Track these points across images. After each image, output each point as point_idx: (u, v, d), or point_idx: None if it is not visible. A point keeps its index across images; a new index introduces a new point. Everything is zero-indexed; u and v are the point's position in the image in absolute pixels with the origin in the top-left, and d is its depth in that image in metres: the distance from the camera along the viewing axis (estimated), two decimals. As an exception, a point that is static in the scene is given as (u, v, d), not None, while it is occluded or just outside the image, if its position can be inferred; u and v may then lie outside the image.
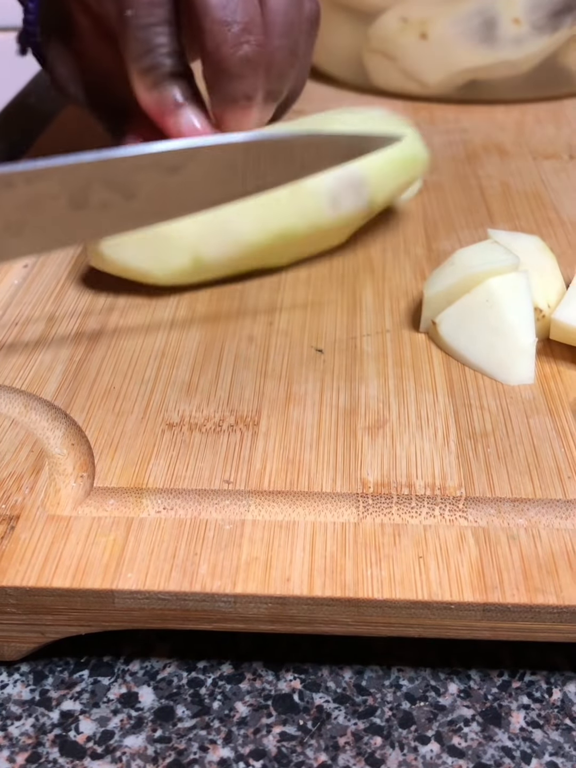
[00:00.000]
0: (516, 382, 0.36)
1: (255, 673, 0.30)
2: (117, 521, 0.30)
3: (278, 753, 0.28)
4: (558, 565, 0.29)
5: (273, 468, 0.32)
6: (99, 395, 0.36)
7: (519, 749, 0.28)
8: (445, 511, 0.31)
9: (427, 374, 0.37)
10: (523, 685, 0.30)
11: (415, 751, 0.28)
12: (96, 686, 0.30)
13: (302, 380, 0.37)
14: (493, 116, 0.64)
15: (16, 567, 0.29)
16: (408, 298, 0.42)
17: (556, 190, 0.53)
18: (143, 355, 0.38)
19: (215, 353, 0.38)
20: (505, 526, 0.30)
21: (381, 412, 0.35)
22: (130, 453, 0.33)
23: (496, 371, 0.36)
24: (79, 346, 0.39)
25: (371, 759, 0.27)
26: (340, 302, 0.42)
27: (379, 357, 0.38)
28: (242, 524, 0.30)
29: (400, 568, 0.29)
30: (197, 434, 0.34)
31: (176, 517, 0.30)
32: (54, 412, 0.35)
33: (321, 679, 0.30)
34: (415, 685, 0.30)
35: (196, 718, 0.29)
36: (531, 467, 0.32)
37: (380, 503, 0.31)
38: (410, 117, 0.63)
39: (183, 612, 0.28)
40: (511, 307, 0.37)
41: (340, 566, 0.29)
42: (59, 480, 0.32)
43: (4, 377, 0.37)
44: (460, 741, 0.28)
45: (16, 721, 0.29)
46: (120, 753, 0.28)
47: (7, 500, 0.31)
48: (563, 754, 0.28)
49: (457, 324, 0.38)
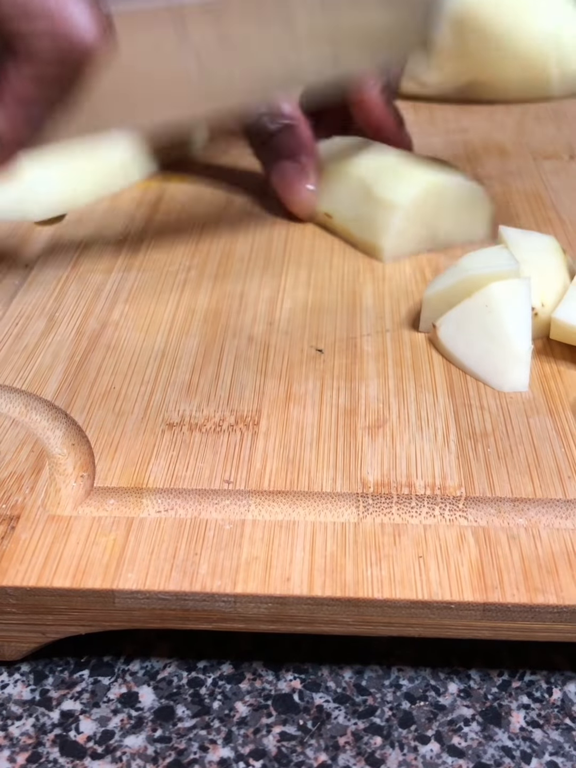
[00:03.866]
0: (510, 388, 0.36)
1: (255, 673, 0.30)
2: (117, 521, 0.30)
3: (278, 753, 0.28)
4: (558, 565, 0.29)
5: (273, 468, 0.32)
6: (99, 395, 0.36)
7: (519, 749, 0.28)
8: (445, 510, 0.31)
9: (427, 374, 0.37)
10: (523, 685, 0.30)
11: (415, 750, 0.28)
12: (96, 686, 0.30)
13: (302, 380, 0.37)
14: (493, 116, 0.64)
15: (17, 567, 0.29)
16: (408, 298, 0.42)
17: (556, 190, 0.53)
18: (143, 355, 0.38)
19: (215, 353, 0.38)
20: (505, 525, 0.30)
21: (381, 412, 0.35)
22: (130, 453, 0.33)
23: (491, 377, 0.36)
24: (79, 346, 0.39)
25: (371, 759, 0.27)
26: (340, 302, 0.42)
27: (379, 357, 0.38)
28: (242, 524, 0.30)
29: (400, 567, 0.29)
30: (197, 434, 0.34)
31: (176, 517, 0.30)
32: (54, 412, 0.35)
33: (321, 679, 0.30)
34: (415, 684, 0.30)
35: (196, 718, 0.29)
36: (531, 467, 0.32)
37: (380, 503, 0.31)
38: (410, 117, 0.63)
39: (183, 612, 0.28)
40: (510, 314, 0.36)
41: (340, 566, 0.29)
42: (59, 480, 0.32)
43: (4, 377, 0.37)
44: (460, 741, 0.28)
45: (16, 721, 0.29)
46: (120, 753, 0.28)
47: (7, 500, 0.31)
48: (563, 753, 0.28)
49: (456, 328, 0.37)
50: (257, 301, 0.42)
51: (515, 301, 0.37)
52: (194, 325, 0.40)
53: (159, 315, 0.41)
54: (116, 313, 0.41)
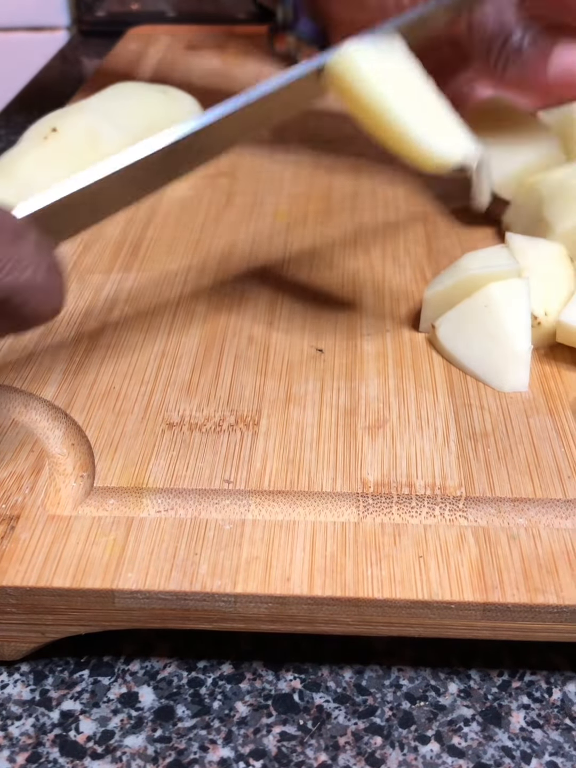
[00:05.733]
0: (509, 389, 0.36)
1: (255, 673, 0.30)
2: (117, 521, 0.30)
3: (278, 753, 0.28)
4: (558, 565, 0.29)
5: (273, 468, 0.32)
6: (99, 395, 0.36)
7: (519, 749, 0.28)
8: (445, 510, 0.31)
9: (427, 374, 0.37)
10: (523, 685, 0.30)
11: (415, 750, 0.28)
12: (96, 686, 0.30)
13: (302, 380, 0.37)
14: (493, 116, 0.64)
15: (17, 567, 0.29)
16: (408, 298, 0.42)
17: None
18: (143, 355, 0.38)
19: (215, 353, 0.38)
20: (505, 525, 0.30)
21: (381, 411, 0.35)
22: (130, 453, 0.33)
23: (491, 377, 0.36)
24: (79, 346, 0.39)
25: (371, 759, 0.27)
26: (340, 302, 0.42)
27: (379, 357, 0.38)
28: (242, 524, 0.30)
29: (400, 567, 0.29)
30: (197, 434, 0.34)
31: (176, 516, 0.30)
32: (54, 412, 0.35)
33: (321, 679, 0.30)
34: (415, 685, 0.30)
35: (196, 718, 0.29)
36: (531, 467, 0.32)
37: (380, 503, 0.31)
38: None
39: (183, 612, 0.28)
40: (509, 314, 0.36)
41: (340, 566, 0.29)
42: (59, 480, 0.32)
43: (4, 377, 0.37)
44: (460, 741, 0.28)
45: (16, 721, 0.29)
46: (120, 753, 0.28)
47: (7, 500, 0.31)
48: (563, 754, 0.28)
49: (456, 328, 0.37)
50: (257, 301, 0.42)
51: (515, 301, 0.37)
52: (194, 325, 0.40)
53: (159, 315, 0.41)
54: (116, 313, 0.41)
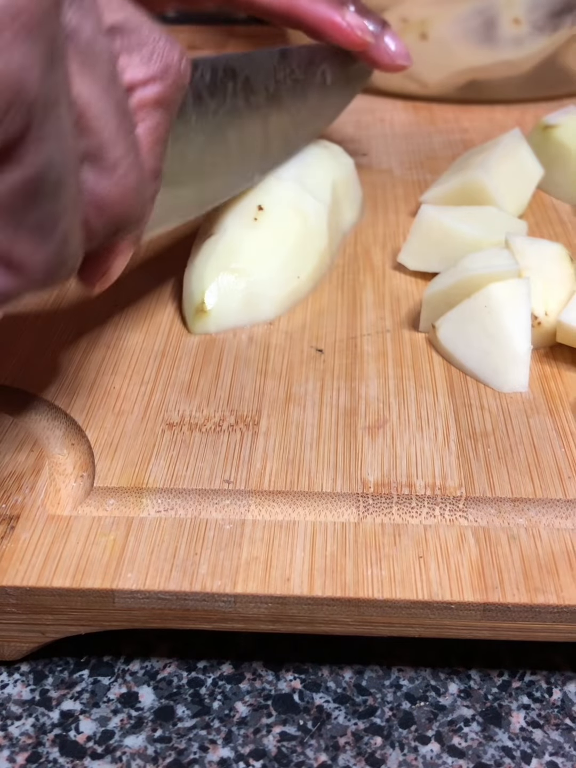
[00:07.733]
0: (509, 389, 0.36)
1: (255, 673, 0.30)
2: (117, 521, 0.30)
3: (278, 753, 0.28)
4: (558, 565, 0.29)
5: (273, 468, 0.32)
6: (99, 395, 0.36)
7: (519, 749, 0.28)
8: (446, 510, 0.31)
9: (427, 374, 0.37)
10: (523, 685, 0.30)
11: (415, 751, 0.28)
12: (96, 686, 0.30)
13: (302, 380, 0.37)
14: (493, 116, 0.64)
15: (16, 567, 0.29)
16: (408, 298, 0.42)
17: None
18: (143, 355, 0.38)
19: (215, 353, 0.38)
20: (506, 526, 0.30)
21: (381, 412, 0.35)
22: (130, 453, 0.33)
23: (491, 377, 0.36)
24: (79, 346, 0.39)
25: (371, 759, 0.27)
26: (340, 302, 0.42)
27: (379, 357, 0.38)
28: (242, 524, 0.30)
29: (401, 568, 0.29)
30: (197, 434, 0.34)
31: (176, 516, 0.30)
32: (54, 412, 0.35)
33: (321, 679, 0.30)
34: (415, 685, 0.30)
35: (196, 718, 0.29)
36: (531, 467, 0.32)
37: (380, 503, 0.31)
38: (410, 117, 0.63)
39: (183, 612, 0.28)
40: (509, 314, 0.36)
41: (340, 566, 0.29)
42: (59, 480, 0.32)
43: (4, 377, 0.37)
44: (460, 741, 0.28)
45: (16, 720, 0.29)
46: (120, 753, 0.28)
47: (7, 500, 0.31)
48: (563, 754, 0.28)
49: (456, 328, 0.37)
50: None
51: (515, 302, 0.37)
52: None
53: (159, 315, 0.41)
54: (116, 313, 0.41)
